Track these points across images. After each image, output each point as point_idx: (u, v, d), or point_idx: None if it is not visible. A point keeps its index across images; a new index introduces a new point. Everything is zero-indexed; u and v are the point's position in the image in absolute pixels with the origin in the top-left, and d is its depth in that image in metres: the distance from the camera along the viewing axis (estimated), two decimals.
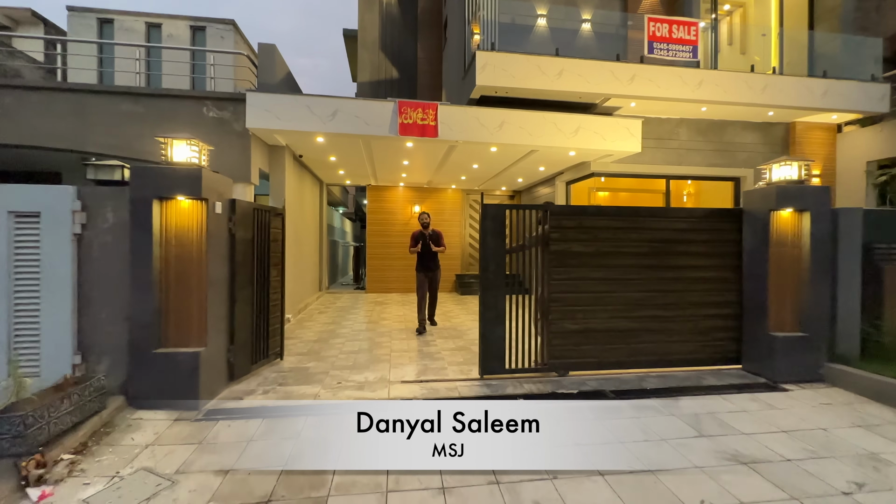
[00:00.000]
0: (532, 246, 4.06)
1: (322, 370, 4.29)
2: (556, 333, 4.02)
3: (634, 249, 4.16)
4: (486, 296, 3.96)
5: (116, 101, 5.58)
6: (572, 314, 4.06)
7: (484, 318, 3.95)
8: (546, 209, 4.04)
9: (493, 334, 3.96)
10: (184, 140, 3.32)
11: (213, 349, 3.39)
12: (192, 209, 3.32)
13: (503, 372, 3.99)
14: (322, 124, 5.86)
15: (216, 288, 3.47)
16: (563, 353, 4.04)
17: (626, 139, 6.68)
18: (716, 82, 6.96)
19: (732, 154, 8.17)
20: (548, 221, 4.01)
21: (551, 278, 4.00)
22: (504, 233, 3.97)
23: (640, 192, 9.92)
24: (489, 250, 3.94)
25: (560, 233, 4.03)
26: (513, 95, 7.03)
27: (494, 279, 3.96)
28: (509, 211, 4.00)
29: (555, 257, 4.01)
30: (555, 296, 4.01)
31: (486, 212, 3.95)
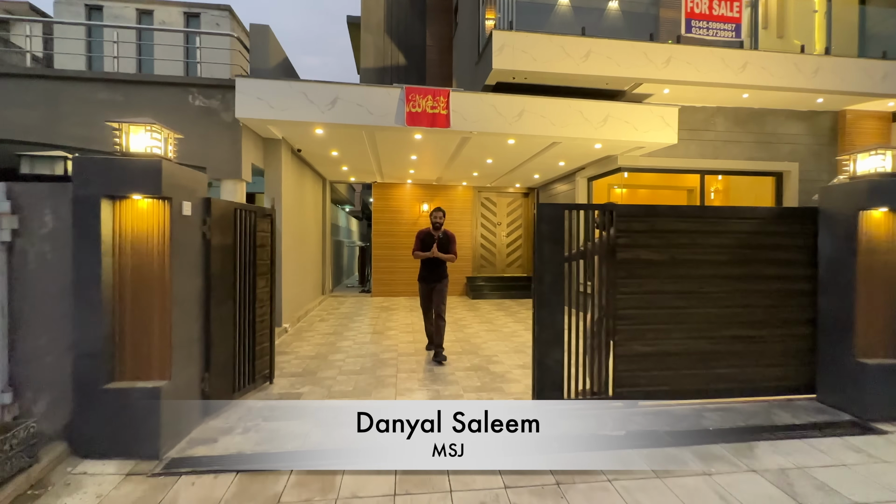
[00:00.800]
0: (594, 254, 3.41)
1: (317, 397, 3.67)
2: (623, 357, 3.37)
3: (713, 257, 3.49)
4: (541, 313, 3.29)
5: (92, 89, 5.01)
6: (642, 334, 3.40)
7: (539, 340, 3.29)
8: (612, 210, 3.37)
9: (550, 358, 3.29)
10: (143, 125, 2.70)
11: (180, 380, 2.78)
12: (151, 210, 2.70)
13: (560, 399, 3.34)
14: (320, 114, 5.23)
15: (185, 306, 2.85)
16: (632, 379, 3.39)
17: (661, 129, 5.95)
18: (762, 65, 6.19)
19: (774, 146, 7.37)
20: (613, 225, 3.35)
21: (618, 292, 3.34)
22: (562, 238, 3.29)
23: (662, 188, 9.17)
24: (545, 258, 3.27)
25: (628, 238, 3.36)
26: (532, 82, 6.33)
27: (551, 293, 3.28)
28: (568, 212, 3.33)
29: (622, 267, 3.36)
30: (622, 312, 3.36)
31: (542, 213, 3.29)
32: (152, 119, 2.75)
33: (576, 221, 3.33)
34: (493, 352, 5.22)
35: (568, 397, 3.33)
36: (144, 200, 2.69)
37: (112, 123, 2.69)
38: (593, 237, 3.43)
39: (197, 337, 3.02)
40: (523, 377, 4.23)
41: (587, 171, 8.03)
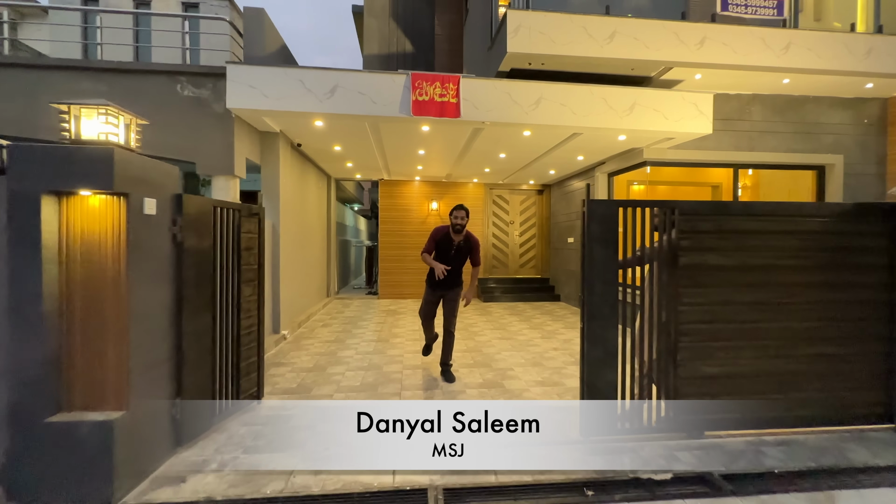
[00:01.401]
0: (652, 259, 2.91)
1: (308, 421, 3.23)
2: (686, 379, 2.87)
3: (791, 261, 2.96)
4: (591, 327, 2.82)
5: (74, 79, 4.64)
6: (710, 353, 2.89)
7: (589, 359, 2.82)
8: (674, 207, 2.86)
9: (601, 380, 2.83)
10: (96, 108, 2.27)
11: (142, 409, 2.35)
12: (105, 209, 2.27)
13: (613, 432, 2.84)
14: (319, 103, 4.79)
15: (150, 321, 2.43)
16: (696, 406, 2.89)
17: (695, 118, 5.38)
18: (807, 45, 5.57)
19: (816, 137, 6.72)
20: (674, 224, 2.85)
21: (680, 303, 2.84)
22: (616, 240, 2.82)
23: (684, 185, 8.53)
24: (596, 264, 2.81)
25: (693, 240, 2.86)
26: (549, 68, 5.81)
27: (604, 304, 2.81)
28: (623, 210, 2.85)
29: (685, 274, 2.86)
30: (685, 327, 2.85)
31: (593, 212, 2.81)
32: (107, 101, 2.32)
33: (631, 221, 2.83)
34: (508, 364, 4.73)
35: (621, 425, 2.84)
36: (96, 197, 2.26)
37: (59, 106, 2.26)
38: (652, 239, 2.92)
39: (166, 356, 2.59)
40: (543, 397, 3.74)
41: (607, 165, 7.47)
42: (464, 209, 3.94)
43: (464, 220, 3.90)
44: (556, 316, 7.82)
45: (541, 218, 10.72)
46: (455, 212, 3.94)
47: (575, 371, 4.48)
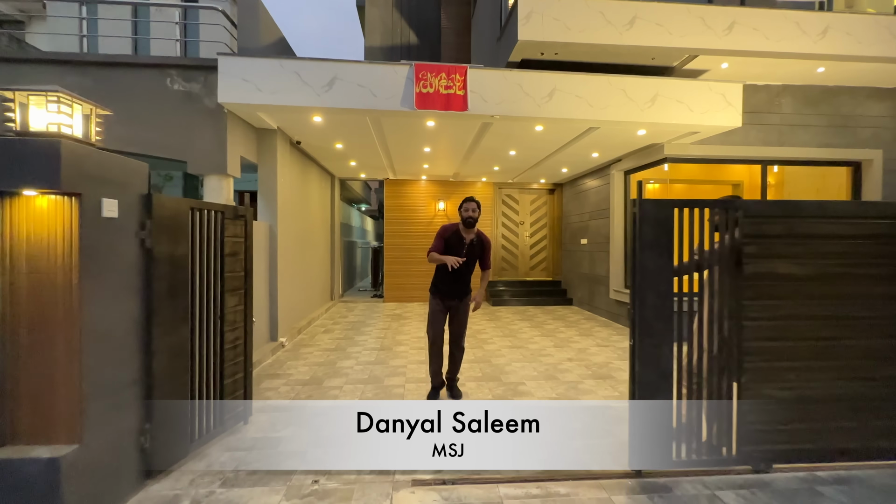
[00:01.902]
0: (711, 265, 2.54)
1: (298, 446, 2.90)
2: (753, 405, 2.51)
3: (874, 270, 2.57)
4: (643, 344, 2.47)
5: (59, 73, 4.39)
6: (779, 374, 2.52)
7: (641, 382, 2.49)
8: (737, 207, 2.49)
9: (655, 406, 2.49)
10: (45, 94, 1.97)
11: (101, 440, 2.05)
12: (55, 211, 1.97)
13: (669, 464, 2.49)
14: (316, 97, 4.48)
15: (111, 338, 2.12)
16: (764, 435, 2.51)
17: (722, 110, 4.95)
18: (846, 29, 5.11)
19: (852, 131, 6.23)
20: (737, 226, 2.50)
21: (745, 316, 2.48)
22: (671, 244, 2.46)
23: (702, 183, 8.04)
24: (647, 272, 2.47)
25: (759, 245, 2.51)
26: (563, 58, 5.44)
27: (657, 318, 2.46)
28: (678, 210, 2.49)
29: (750, 283, 2.50)
30: (750, 345, 2.49)
31: (645, 212, 2.46)
32: (60, 87, 2.02)
33: (686, 223, 2.48)
34: (520, 377, 4.36)
35: (678, 457, 2.48)
36: (44, 198, 1.96)
37: (3, 92, 1.97)
38: (712, 244, 2.55)
39: (133, 378, 2.29)
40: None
41: (624, 163, 7.05)
42: (474, 201, 3.46)
43: (475, 212, 3.42)
44: (568, 322, 7.42)
45: (552, 218, 10.31)
46: (465, 204, 3.45)
47: (592, 386, 4.11)
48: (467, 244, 3.48)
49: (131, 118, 4.40)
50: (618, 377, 4.38)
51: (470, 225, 3.43)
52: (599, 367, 4.74)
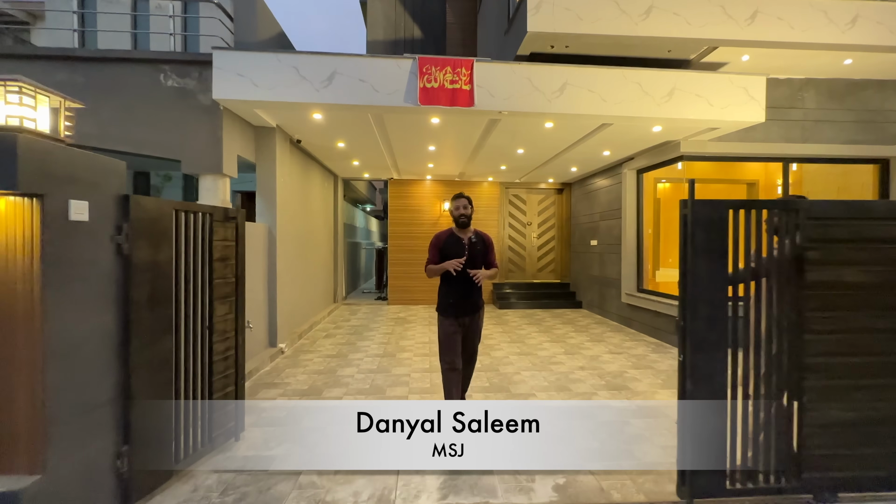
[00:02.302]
0: (769, 272, 2.28)
1: (292, 466, 2.69)
2: (815, 428, 2.26)
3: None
4: (695, 359, 2.23)
5: (49, 69, 4.22)
6: (845, 393, 2.26)
7: (691, 397, 2.25)
8: (797, 208, 2.24)
9: (708, 426, 2.23)
10: (2, 84, 1.77)
11: (68, 469, 1.85)
12: (14, 214, 1.76)
13: (722, 493, 2.25)
14: (315, 92, 4.27)
15: (80, 354, 1.92)
16: (828, 461, 2.26)
17: (744, 105, 4.68)
18: (878, 18, 4.81)
19: (880, 126, 5.91)
20: (798, 229, 2.25)
21: (806, 329, 2.24)
22: (726, 250, 2.23)
23: (715, 182, 7.72)
24: (700, 280, 2.23)
25: (824, 250, 2.26)
26: (574, 51, 5.19)
27: (710, 331, 2.23)
28: (733, 211, 2.24)
29: (813, 293, 2.25)
30: (812, 361, 2.25)
31: (698, 215, 2.23)
32: (23, 76, 1.82)
33: (742, 226, 2.24)
34: (529, 388, 4.12)
35: (732, 485, 2.24)
36: (3, 199, 1.75)
37: None
38: (770, 249, 2.28)
39: (107, 397, 2.08)
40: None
41: (637, 161, 6.77)
42: (465, 197, 3.07)
43: (468, 209, 3.04)
44: (578, 326, 7.15)
45: (560, 219, 10.04)
46: (455, 202, 3.07)
47: (608, 398, 3.86)
48: (467, 245, 3.05)
49: (123, 116, 4.23)
50: (633, 388, 4.13)
51: (464, 224, 3.05)
52: (613, 376, 4.49)
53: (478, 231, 3.15)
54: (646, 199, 7.05)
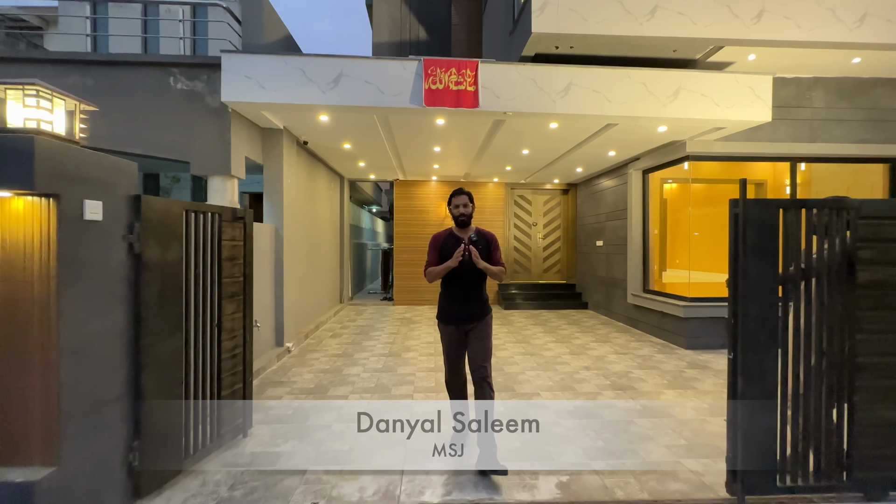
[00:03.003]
0: (819, 272, 2.30)
1: (299, 463, 2.72)
2: (866, 427, 2.29)
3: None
4: (745, 358, 2.26)
5: (61, 72, 4.31)
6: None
7: (743, 399, 2.28)
8: (846, 207, 2.27)
9: (759, 425, 2.26)
10: (21, 87, 1.83)
11: (80, 461, 1.90)
12: (31, 214, 1.82)
13: (773, 490, 2.29)
14: (321, 94, 4.32)
15: (93, 351, 1.97)
16: (879, 460, 2.29)
17: (750, 104, 4.66)
18: (887, 16, 4.76)
19: (891, 125, 5.84)
20: (849, 229, 2.29)
21: (857, 329, 2.27)
22: (776, 249, 2.27)
23: (722, 182, 7.65)
24: (749, 279, 2.27)
25: (876, 249, 2.29)
26: (579, 52, 5.20)
27: (761, 330, 2.26)
28: (784, 211, 2.27)
29: (865, 292, 2.28)
30: (864, 360, 2.28)
31: (749, 215, 2.25)
32: (38, 80, 1.87)
33: (795, 225, 2.27)
34: (534, 388, 4.13)
35: (782, 483, 2.27)
36: (20, 199, 1.81)
37: None
38: (820, 247, 2.30)
39: (118, 393, 2.13)
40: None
41: (642, 161, 6.76)
42: (465, 193, 2.88)
43: (468, 207, 2.85)
44: (584, 327, 7.14)
45: (566, 219, 10.03)
46: (454, 199, 2.88)
47: (612, 398, 3.86)
48: (467, 243, 2.82)
49: (133, 118, 4.31)
50: (639, 388, 4.12)
51: (464, 224, 2.86)
52: (619, 376, 4.48)
53: (479, 229, 2.95)
54: (652, 199, 7.03)
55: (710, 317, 5.53)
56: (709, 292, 5.67)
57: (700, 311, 5.52)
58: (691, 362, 5.00)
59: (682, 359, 5.15)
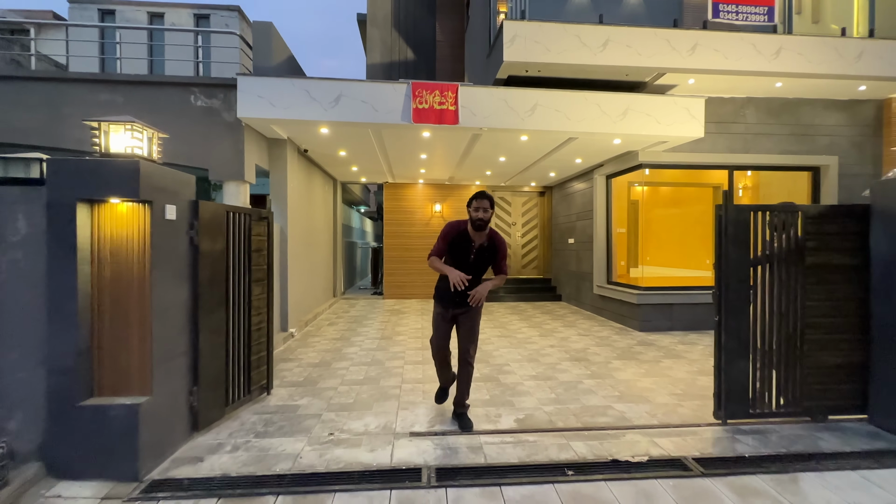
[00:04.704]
0: (778, 258, 3.22)
1: (315, 411, 3.46)
2: (812, 369, 3.22)
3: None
4: (727, 320, 3.17)
5: (93, 91, 4.94)
6: (835, 344, 3.24)
7: (725, 349, 3.17)
8: (797, 210, 3.20)
9: (736, 368, 3.17)
10: (123, 124, 2.53)
11: (163, 396, 2.60)
12: (131, 215, 2.53)
13: (747, 416, 3.20)
14: (324, 112, 5.04)
15: (170, 316, 2.68)
16: (821, 393, 3.24)
17: (686, 122, 5.54)
18: (798, 50, 5.71)
19: (811, 139, 6.84)
20: (798, 226, 3.24)
21: (805, 298, 3.20)
22: (748, 240, 3.19)
23: (686, 185, 8.62)
24: (730, 263, 3.18)
25: (817, 240, 3.21)
26: (546, 75, 6.01)
27: (738, 299, 3.18)
28: (754, 213, 3.19)
29: (810, 271, 3.21)
30: (810, 321, 3.21)
31: (729, 215, 3.17)
32: (132, 117, 2.58)
33: (761, 224, 3.21)
34: (505, 360, 4.92)
35: (753, 409, 3.18)
36: (123, 204, 2.51)
37: (90, 122, 2.53)
38: (780, 239, 3.21)
39: (184, 349, 2.84)
40: (536, 390, 3.93)
41: (606, 168, 7.64)
42: (487, 198, 2.89)
43: (487, 212, 2.88)
44: (555, 315, 8.00)
45: (542, 219, 10.90)
46: (475, 201, 2.88)
47: (569, 367, 4.68)
48: (476, 249, 2.94)
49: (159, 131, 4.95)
50: (592, 360, 4.95)
51: (480, 228, 2.89)
52: (577, 352, 5.31)
53: (493, 235, 3.02)
54: (618, 201, 7.91)
55: (659, 303, 6.42)
56: (664, 284, 6.57)
57: (651, 298, 6.41)
58: (641, 341, 5.87)
59: (633, 339, 6.03)
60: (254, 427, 3.14)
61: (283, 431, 3.08)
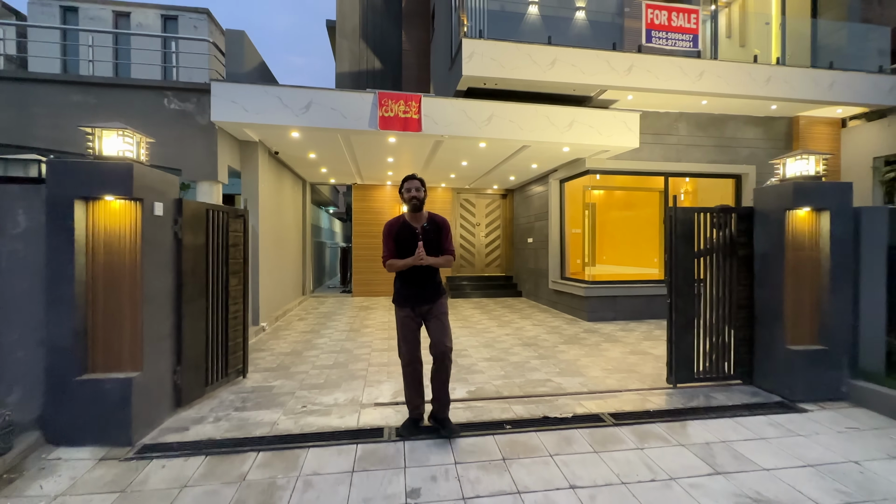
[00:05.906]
0: (716, 251, 3.90)
1: (288, 390, 3.83)
2: (740, 342, 3.93)
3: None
4: (677, 301, 3.87)
5: (65, 92, 5.08)
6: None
7: (676, 325, 3.86)
8: (730, 211, 3.89)
9: (684, 341, 3.88)
10: (115, 130, 2.84)
11: (151, 373, 2.93)
12: (124, 211, 2.84)
13: (693, 379, 3.89)
14: (295, 117, 5.39)
15: (157, 302, 3.00)
16: (748, 360, 3.96)
17: (623, 134, 6.27)
18: (717, 73, 6.57)
19: (734, 150, 7.79)
20: (732, 224, 3.89)
21: (737, 284, 3.90)
22: (693, 237, 3.89)
23: (635, 189, 9.49)
24: (679, 255, 3.88)
25: (746, 236, 3.94)
26: (503, 87, 6.59)
27: (685, 284, 3.88)
28: (697, 214, 3.91)
29: (741, 262, 3.92)
30: (740, 302, 3.91)
31: (677, 216, 3.88)
32: (124, 123, 2.90)
33: (703, 222, 3.91)
34: (464, 346, 5.43)
35: (697, 376, 3.88)
36: (117, 202, 2.83)
37: (85, 128, 2.82)
38: (719, 236, 3.85)
39: (168, 332, 3.16)
40: (489, 370, 4.45)
41: (559, 173, 8.33)
42: (417, 178, 2.88)
43: (420, 192, 2.85)
44: (514, 309, 8.61)
45: (505, 220, 11.55)
46: (406, 184, 2.86)
47: (520, 351, 5.24)
48: (420, 233, 2.84)
49: None
50: (541, 345, 5.54)
51: (416, 208, 2.84)
52: (529, 339, 5.90)
53: (432, 216, 2.94)
54: (572, 203, 8.59)
55: (604, 296, 7.13)
56: (614, 279, 7.30)
57: (597, 291, 7.11)
58: (587, 329, 6.54)
59: (581, 327, 6.69)
60: (233, 403, 3.49)
61: (260, 406, 3.44)
